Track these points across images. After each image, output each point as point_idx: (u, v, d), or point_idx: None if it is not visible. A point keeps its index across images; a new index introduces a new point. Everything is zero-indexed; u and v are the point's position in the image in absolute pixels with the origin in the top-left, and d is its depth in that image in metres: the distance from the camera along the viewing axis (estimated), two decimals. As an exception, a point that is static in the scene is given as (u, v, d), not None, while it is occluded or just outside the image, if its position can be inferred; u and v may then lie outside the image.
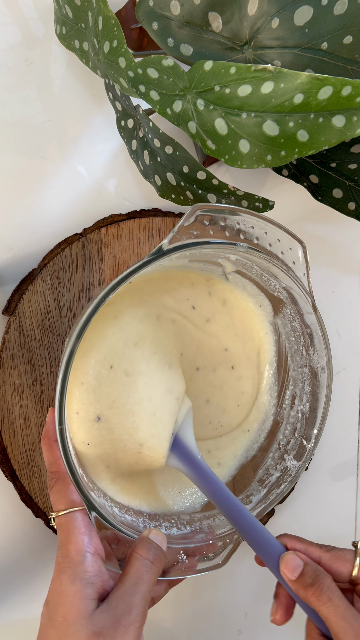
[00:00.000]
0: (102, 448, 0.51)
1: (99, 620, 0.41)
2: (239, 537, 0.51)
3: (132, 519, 0.52)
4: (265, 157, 0.45)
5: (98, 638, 0.40)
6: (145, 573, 0.43)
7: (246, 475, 0.58)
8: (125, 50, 0.48)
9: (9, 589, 0.60)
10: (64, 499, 0.46)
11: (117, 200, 0.66)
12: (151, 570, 0.44)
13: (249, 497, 0.55)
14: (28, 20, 0.66)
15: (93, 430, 0.50)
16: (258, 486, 0.56)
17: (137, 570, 0.43)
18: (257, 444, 0.59)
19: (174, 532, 0.53)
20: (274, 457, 0.57)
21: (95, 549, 0.45)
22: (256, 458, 0.58)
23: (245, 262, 0.53)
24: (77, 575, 0.43)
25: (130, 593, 0.42)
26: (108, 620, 0.41)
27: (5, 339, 0.60)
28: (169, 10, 0.50)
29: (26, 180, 0.65)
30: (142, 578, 0.43)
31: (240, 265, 0.54)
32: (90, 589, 0.42)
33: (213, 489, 0.48)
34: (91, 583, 0.43)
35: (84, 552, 0.44)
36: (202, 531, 0.53)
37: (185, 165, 0.51)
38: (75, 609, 0.41)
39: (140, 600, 0.42)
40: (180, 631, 0.63)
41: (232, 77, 0.43)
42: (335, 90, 0.39)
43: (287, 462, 0.54)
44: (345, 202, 0.58)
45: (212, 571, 0.58)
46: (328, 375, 0.53)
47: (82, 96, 0.67)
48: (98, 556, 0.45)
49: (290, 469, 0.53)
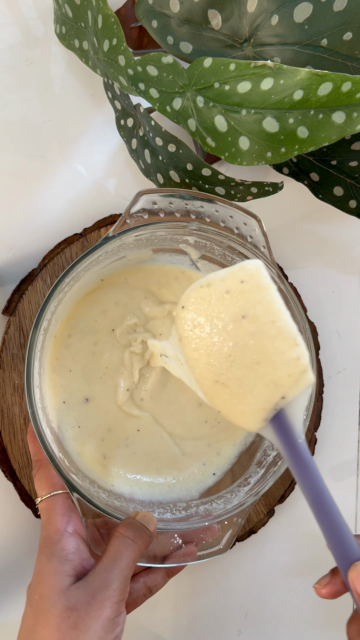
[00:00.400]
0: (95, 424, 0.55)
1: (73, 595, 0.41)
2: (239, 519, 0.51)
3: (121, 504, 0.52)
4: (265, 154, 0.45)
5: (72, 613, 0.40)
6: (125, 550, 0.43)
7: (244, 462, 0.58)
8: (125, 49, 0.48)
9: (9, 589, 0.60)
10: (46, 484, 0.47)
11: (117, 200, 0.66)
12: (130, 547, 0.43)
13: (247, 480, 0.55)
14: (28, 20, 0.66)
15: (82, 412, 0.55)
16: (256, 468, 0.56)
17: (116, 547, 0.43)
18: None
19: (167, 517, 0.53)
20: None
21: (75, 529, 0.45)
22: (254, 444, 0.58)
23: (205, 244, 0.55)
24: (54, 553, 0.43)
25: (107, 569, 0.42)
26: (83, 596, 0.40)
27: (5, 339, 0.60)
28: (168, 8, 0.50)
29: (26, 180, 0.65)
30: (120, 554, 0.43)
31: (202, 249, 0.56)
32: (67, 566, 0.42)
33: (306, 477, 0.42)
34: (68, 560, 0.43)
35: (62, 531, 0.44)
36: (198, 514, 0.53)
37: (189, 163, 0.51)
38: (50, 586, 0.41)
39: (117, 576, 0.42)
40: (180, 631, 0.63)
41: (232, 74, 0.43)
42: (335, 87, 0.39)
43: None
44: (346, 200, 0.58)
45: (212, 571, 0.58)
46: (307, 345, 0.53)
47: (82, 96, 0.67)
48: (77, 535, 0.45)
49: None
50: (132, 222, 0.50)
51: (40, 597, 0.41)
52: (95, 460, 0.55)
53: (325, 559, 0.65)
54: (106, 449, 0.56)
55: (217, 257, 0.57)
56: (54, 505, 0.46)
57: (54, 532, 0.44)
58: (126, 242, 0.53)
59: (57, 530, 0.44)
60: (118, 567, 0.42)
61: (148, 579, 0.50)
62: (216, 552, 0.50)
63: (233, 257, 0.55)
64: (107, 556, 0.43)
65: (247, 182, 0.50)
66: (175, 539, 0.50)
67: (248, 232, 0.52)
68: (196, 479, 0.58)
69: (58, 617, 0.40)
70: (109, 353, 0.56)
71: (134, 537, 0.44)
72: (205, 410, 0.58)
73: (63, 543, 0.44)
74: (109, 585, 0.41)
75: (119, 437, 0.56)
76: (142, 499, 0.55)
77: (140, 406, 0.57)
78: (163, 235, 0.54)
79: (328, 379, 0.67)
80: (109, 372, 0.56)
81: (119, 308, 0.57)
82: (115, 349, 0.57)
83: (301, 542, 0.65)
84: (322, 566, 0.65)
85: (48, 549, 0.43)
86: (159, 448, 0.57)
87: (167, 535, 0.50)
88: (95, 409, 0.55)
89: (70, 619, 0.39)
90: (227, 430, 0.58)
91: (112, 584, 0.41)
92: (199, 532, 0.50)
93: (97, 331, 0.56)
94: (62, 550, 0.43)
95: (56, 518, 0.45)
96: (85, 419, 0.55)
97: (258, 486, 0.53)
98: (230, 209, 0.51)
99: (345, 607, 0.66)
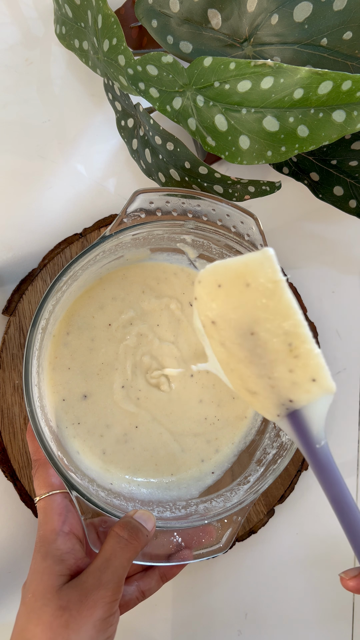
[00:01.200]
0: (94, 419, 0.56)
1: (66, 594, 0.41)
2: (239, 517, 0.51)
3: (120, 502, 0.52)
4: (266, 153, 0.45)
5: (64, 612, 0.40)
6: (119, 550, 0.43)
7: (243, 460, 0.58)
8: (125, 48, 0.48)
9: (9, 589, 0.60)
10: (44, 483, 0.47)
11: (117, 200, 0.66)
12: (126, 547, 0.43)
13: (247, 478, 0.55)
14: (28, 20, 0.66)
15: (81, 408, 0.56)
16: (256, 466, 0.56)
17: (111, 547, 0.43)
18: (255, 429, 0.59)
19: (167, 515, 0.53)
20: (270, 436, 0.57)
21: (71, 529, 0.45)
22: (254, 442, 0.58)
23: (203, 242, 0.55)
24: (48, 553, 0.43)
25: (101, 569, 0.42)
26: (75, 595, 0.40)
27: (5, 339, 0.60)
28: (168, 8, 0.50)
29: (26, 180, 0.65)
30: (114, 554, 0.43)
31: (199, 247, 0.57)
32: (61, 566, 0.42)
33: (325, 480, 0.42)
34: (62, 560, 0.43)
35: (57, 531, 0.44)
36: (197, 512, 0.53)
37: (187, 161, 0.51)
38: (44, 585, 0.41)
39: (111, 576, 0.42)
40: (180, 631, 0.63)
41: (232, 73, 0.43)
42: (335, 85, 0.39)
43: (282, 439, 0.54)
44: (346, 200, 0.58)
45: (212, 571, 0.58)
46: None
47: (82, 96, 0.67)
48: (73, 535, 0.45)
49: (286, 444, 0.53)
50: (129, 221, 0.50)
51: (33, 596, 0.41)
52: (94, 456, 0.55)
53: (326, 559, 0.65)
54: (105, 445, 0.56)
55: (214, 256, 0.57)
56: (51, 504, 0.46)
57: (49, 532, 0.45)
58: (124, 241, 0.53)
59: (52, 530, 0.45)
60: (112, 567, 0.42)
61: (142, 583, 0.50)
62: (216, 550, 0.50)
63: (230, 256, 0.55)
64: (102, 556, 0.43)
65: (244, 181, 0.50)
66: (175, 538, 0.50)
67: (245, 231, 0.52)
68: (194, 476, 0.58)
69: (50, 616, 0.40)
70: (105, 348, 0.57)
71: (129, 537, 0.44)
72: (205, 407, 0.58)
73: (58, 543, 0.44)
74: (101, 584, 0.41)
75: (117, 433, 0.56)
76: (141, 498, 0.55)
77: (137, 402, 0.57)
78: (160, 234, 0.54)
79: (328, 378, 0.67)
80: (105, 368, 0.56)
81: (117, 303, 0.57)
82: (111, 343, 0.57)
83: (301, 542, 0.65)
84: (322, 566, 0.66)
85: (43, 548, 0.44)
86: (157, 444, 0.57)
87: (167, 534, 0.50)
88: (93, 406, 0.56)
89: (62, 618, 0.39)
90: (226, 428, 0.59)
91: (105, 584, 0.41)
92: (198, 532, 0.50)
93: (95, 327, 0.56)
94: (57, 550, 0.43)
95: (52, 518, 0.45)
96: (84, 416, 0.55)
97: (258, 484, 0.53)
98: (227, 208, 0.51)
99: (346, 607, 0.65)
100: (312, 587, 0.65)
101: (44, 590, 0.41)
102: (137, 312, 0.58)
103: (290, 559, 0.65)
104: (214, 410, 0.58)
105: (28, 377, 0.47)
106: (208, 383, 0.59)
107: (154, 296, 0.58)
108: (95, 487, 0.52)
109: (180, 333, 0.58)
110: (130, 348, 0.57)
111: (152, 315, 0.58)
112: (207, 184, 0.53)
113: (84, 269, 0.51)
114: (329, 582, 0.65)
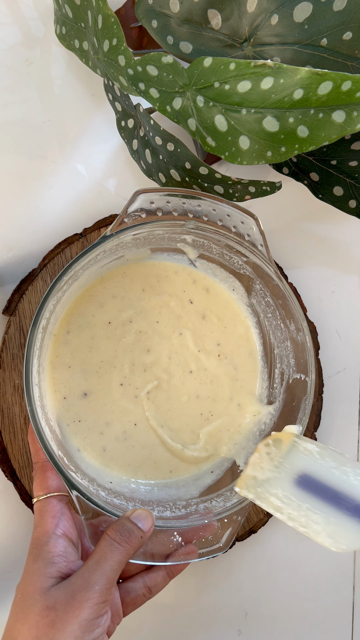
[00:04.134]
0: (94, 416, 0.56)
1: (54, 595, 0.41)
2: (239, 517, 0.51)
3: (120, 502, 0.52)
4: (266, 153, 0.45)
5: (50, 612, 0.40)
6: (110, 552, 0.43)
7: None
8: (125, 48, 0.48)
9: (9, 589, 0.60)
10: (43, 485, 0.48)
11: (117, 200, 0.66)
12: (116, 550, 0.44)
13: None
14: (28, 20, 0.66)
15: (82, 406, 0.56)
16: None
17: (102, 549, 0.44)
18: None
19: (167, 515, 0.53)
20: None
21: (64, 532, 0.46)
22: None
23: (203, 242, 0.56)
24: (40, 555, 0.44)
25: (90, 570, 0.42)
26: (63, 596, 0.41)
27: (6, 339, 0.60)
28: (168, 8, 0.50)
29: (26, 180, 0.65)
30: (104, 556, 0.43)
31: (200, 247, 0.57)
32: (51, 568, 0.43)
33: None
34: (53, 562, 0.43)
35: (50, 533, 0.45)
36: (197, 512, 0.53)
37: (187, 162, 0.51)
38: (33, 585, 0.42)
39: (99, 578, 0.42)
40: (181, 631, 0.63)
41: (232, 73, 0.43)
42: (335, 86, 0.39)
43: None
44: (346, 200, 0.58)
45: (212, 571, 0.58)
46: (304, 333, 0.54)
47: (82, 96, 0.67)
48: (66, 538, 0.45)
49: None
50: (129, 221, 0.51)
51: (22, 596, 0.42)
52: (94, 454, 0.55)
53: (326, 559, 0.65)
54: (105, 443, 0.56)
55: (215, 256, 0.57)
56: (46, 507, 0.47)
57: (42, 534, 0.45)
58: (124, 241, 0.53)
59: (45, 532, 0.45)
60: (101, 569, 0.42)
61: (148, 579, 0.50)
62: (216, 550, 0.50)
63: (231, 256, 0.56)
64: (92, 558, 0.43)
65: (244, 181, 0.50)
66: (175, 537, 0.50)
67: (245, 231, 0.52)
68: (194, 474, 0.58)
69: (37, 616, 0.40)
70: (104, 346, 0.57)
71: (121, 540, 0.44)
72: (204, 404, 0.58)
73: (50, 545, 0.44)
74: (89, 586, 0.41)
75: (117, 430, 0.56)
76: (141, 497, 0.55)
77: (135, 400, 0.57)
78: (161, 234, 0.55)
79: (328, 379, 0.67)
80: (105, 366, 0.56)
81: (116, 301, 0.58)
82: (110, 341, 0.57)
83: (301, 542, 0.65)
84: (322, 566, 0.66)
85: (35, 550, 0.44)
86: (156, 442, 0.57)
87: (167, 533, 0.50)
88: (93, 403, 0.56)
89: (49, 618, 0.40)
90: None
91: (93, 586, 0.41)
92: (199, 529, 0.50)
93: (94, 325, 0.57)
94: (48, 552, 0.44)
95: (47, 520, 0.46)
96: (84, 414, 0.56)
97: None
98: (228, 208, 0.51)
99: (346, 607, 0.66)
100: (312, 587, 0.65)
101: (33, 591, 0.42)
102: (137, 310, 0.58)
103: (291, 559, 0.65)
104: (211, 407, 0.59)
105: (29, 376, 0.47)
106: (206, 379, 0.59)
107: (154, 294, 0.58)
108: (95, 486, 0.52)
109: (179, 329, 0.59)
110: (129, 345, 0.57)
111: (152, 312, 0.58)
112: (208, 185, 0.53)
113: (84, 269, 0.51)
114: (329, 581, 0.65)
